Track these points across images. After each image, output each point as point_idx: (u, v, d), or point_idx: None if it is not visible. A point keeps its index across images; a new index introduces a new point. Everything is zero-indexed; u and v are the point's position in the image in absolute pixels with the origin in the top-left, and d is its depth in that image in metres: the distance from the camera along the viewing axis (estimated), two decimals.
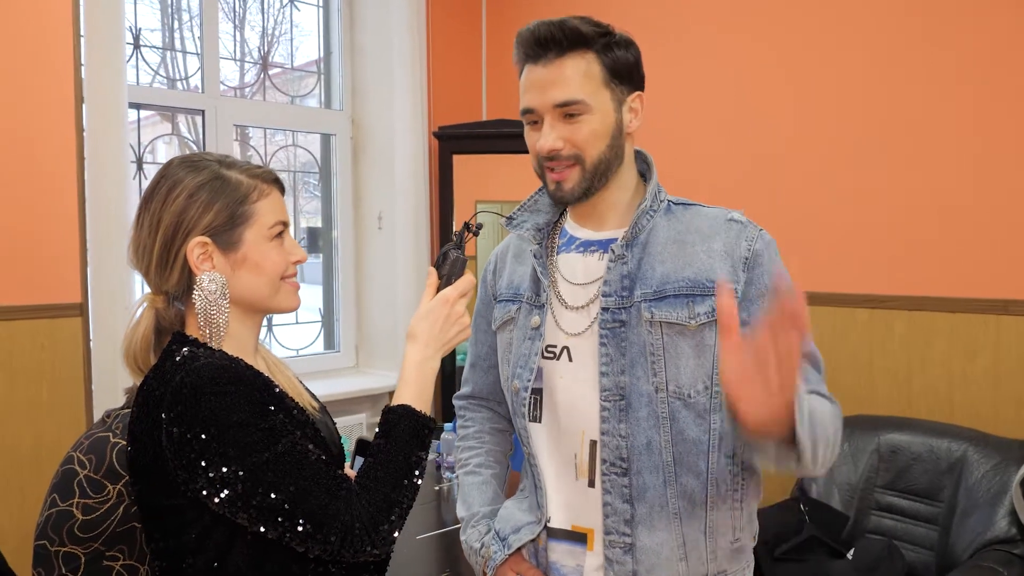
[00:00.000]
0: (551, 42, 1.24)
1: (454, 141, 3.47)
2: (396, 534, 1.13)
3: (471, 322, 1.32)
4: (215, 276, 1.16)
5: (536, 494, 1.36)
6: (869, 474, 2.48)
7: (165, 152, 3.37)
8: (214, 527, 1.11)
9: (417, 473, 1.16)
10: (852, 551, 2.37)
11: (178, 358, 1.13)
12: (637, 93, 1.30)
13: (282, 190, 1.26)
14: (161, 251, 1.17)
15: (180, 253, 1.16)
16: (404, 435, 1.16)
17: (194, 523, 1.11)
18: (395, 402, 1.21)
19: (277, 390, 1.17)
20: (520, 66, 1.30)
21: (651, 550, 1.25)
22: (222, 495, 1.06)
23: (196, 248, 1.16)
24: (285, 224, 1.24)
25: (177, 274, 1.17)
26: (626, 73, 1.28)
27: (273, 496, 1.05)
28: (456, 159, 3.47)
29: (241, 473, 1.05)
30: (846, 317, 2.73)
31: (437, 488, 2.45)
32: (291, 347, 3.56)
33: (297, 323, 3.61)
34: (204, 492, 1.07)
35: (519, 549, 1.36)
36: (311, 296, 3.71)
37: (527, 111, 1.28)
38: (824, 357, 2.71)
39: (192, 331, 1.20)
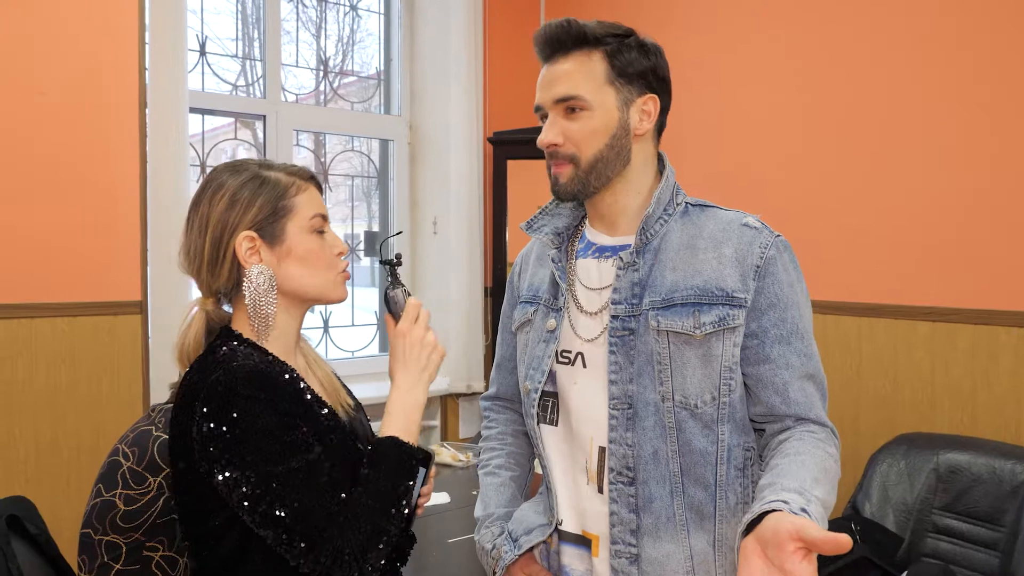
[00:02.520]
0: (557, 42, 1.27)
1: (508, 146, 3.48)
2: (382, 561, 1.14)
3: (436, 339, 1.32)
4: (263, 269, 1.22)
5: (548, 496, 1.36)
6: (926, 494, 2.37)
7: (244, 156, 3.48)
8: (236, 518, 1.15)
9: (404, 502, 1.17)
10: (905, 574, 2.27)
11: (219, 354, 1.19)
12: (650, 96, 1.28)
13: (319, 187, 1.31)
14: (211, 249, 1.22)
15: (229, 249, 1.22)
16: (391, 465, 1.18)
17: (218, 512, 1.16)
18: (381, 434, 1.23)
19: (308, 397, 1.20)
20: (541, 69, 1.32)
21: (657, 561, 1.24)
22: (233, 494, 1.11)
23: (244, 242, 1.21)
24: (324, 217, 1.28)
25: (227, 270, 1.23)
26: (637, 75, 1.27)
27: (276, 508, 1.09)
28: (511, 164, 3.48)
29: (253, 479, 1.10)
30: (907, 330, 2.62)
31: (475, 493, 2.45)
32: (347, 349, 3.62)
33: (353, 325, 3.67)
34: (221, 487, 1.12)
35: (530, 550, 1.37)
36: (367, 298, 3.77)
37: (537, 108, 1.31)
38: (883, 372, 2.66)
39: (238, 326, 1.25)
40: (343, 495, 1.15)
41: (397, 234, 1.35)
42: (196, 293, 1.32)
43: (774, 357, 1.21)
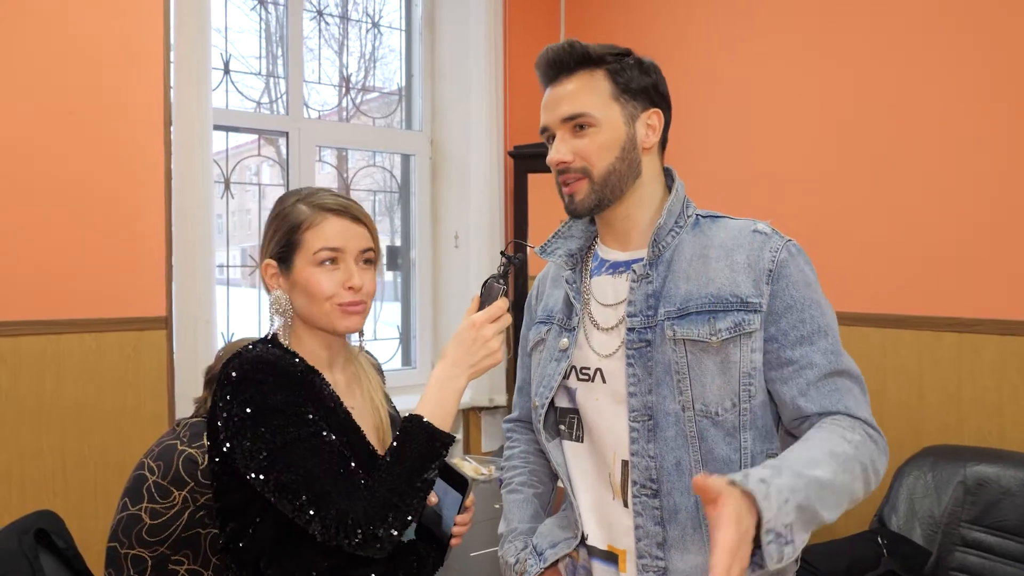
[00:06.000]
0: (560, 63, 1.31)
1: (529, 160, 3.48)
2: (393, 534, 1.19)
3: (500, 348, 1.33)
4: (279, 294, 1.36)
5: (572, 511, 1.37)
6: (954, 508, 2.34)
7: (269, 174, 3.53)
8: (253, 497, 1.25)
9: (424, 478, 1.22)
10: None
11: (241, 351, 1.32)
12: (654, 110, 1.31)
13: (352, 218, 1.35)
14: (260, 272, 1.41)
15: (261, 273, 1.39)
16: (415, 445, 1.23)
17: (237, 489, 1.26)
18: (415, 411, 1.27)
19: (318, 388, 1.30)
20: (543, 92, 1.35)
21: (685, 573, 1.23)
22: (251, 467, 1.21)
23: (268, 268, 1.37)
24: (333, 250, 1.32)
25: (265, 291, 1.40)
26: (640, 91, 1.30)
27: (286, 476, 1.18)
28: (531, 178, 3.49)
29: (265, 451, 1.20)
30: (931, 341, 2.60)
31: (498, 507, 2.45)
32: None
33: (375, 339, 3.68)
34: (241, 464, 1.22)
35: (555, 563, 1.37)
36: (390, 313, 3.79)
37: (543, 129, 1.34)
38: (907, 383, 2.64)
39: (278, 334, 1.38)
40: (352, 464, 1.23)
41: (527, 245, 1.39)
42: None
43: (796, 359, 1.20)
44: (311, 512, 1.17)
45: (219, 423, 1.25)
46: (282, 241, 1.33)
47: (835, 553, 2.25)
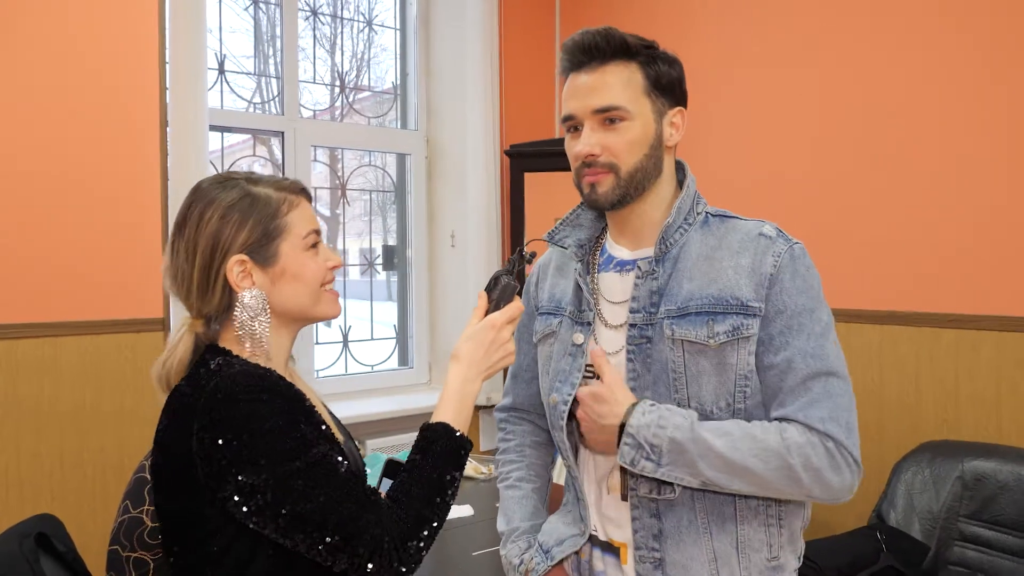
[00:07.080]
0: (595, 50, 1.26)
1: (525, 159, 3.48)
2: (424, 552, 1.12)
3: (515, 348, 1.31)
4: (256, 292, 1.18)
5: (579, 507, 1.37)
6: (952, 502, 2.35)
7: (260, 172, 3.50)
8: (237, 539, 1.10)
9: (450, 492, 1.16)
10: None
11: (212, 366, 1.14)
12: (679, 108, 1.30)
13: (309, 199, 1.28)
14: (201, 275, 1.17)
15: (220, 274, 1.17)
16: (440, 453, 1.17)
17: (217, 534, 1.10)
18: (434, 420, 1.21)
19: (308, 403, 1.17)
20: (564, 76, 1.32)
21: (681, 564, 1.24)
22: (250, 503, 1.05)
23: (235, 267, 1.17)
24: (318, 232, 1.25)
25: (219, 295, 1.18)
26: (668, 87, 1.28)
27: (302, 506, 1.04)
28: (528, 177, 3.49)
29: (271, 481, 1.04)
30: (930, 338, 2.61)
31: (498, 505, 2.44)
32: (366, 363, 3.63)
33: (372, 339, 3.68)
34: (233, 500, 1.05)
35: (562, 561, 1.37)
36: (386, 312, 3.78)
37: (568, 117, 1.30)
38: (906, 379, 2.65)
39: (227, 344, 1.20)
40: (367, 483, 1.13)
41: (531, 247, 1.35)
42: None
43: (777, 363, 1.20)
44: (337, 542, 1.04)
45: (200, 453, 1.06)
46: (259, 230, 1.18)
47: (834, 549, 2.26)
